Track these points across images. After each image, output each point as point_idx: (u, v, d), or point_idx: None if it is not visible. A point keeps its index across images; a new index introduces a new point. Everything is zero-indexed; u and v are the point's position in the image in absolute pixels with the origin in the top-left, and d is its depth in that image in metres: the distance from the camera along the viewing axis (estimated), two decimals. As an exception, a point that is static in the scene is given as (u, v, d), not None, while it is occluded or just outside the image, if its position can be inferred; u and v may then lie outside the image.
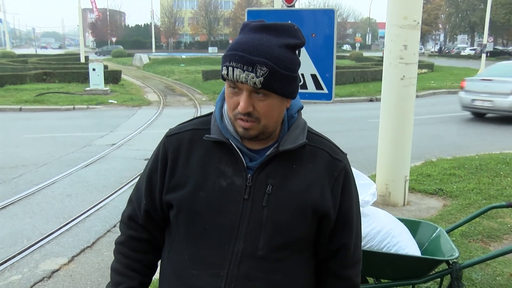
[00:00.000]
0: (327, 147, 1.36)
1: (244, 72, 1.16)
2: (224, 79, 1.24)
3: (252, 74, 1.15)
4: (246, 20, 3.73)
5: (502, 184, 6.13)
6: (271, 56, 1.17)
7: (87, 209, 5.66)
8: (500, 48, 59.54)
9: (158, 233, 1.44)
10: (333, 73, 3.65)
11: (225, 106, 1.31)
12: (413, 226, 3.15)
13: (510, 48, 60.66)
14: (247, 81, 1.16)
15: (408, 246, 2.89)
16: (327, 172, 1.32)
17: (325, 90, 3.75)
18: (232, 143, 1.28)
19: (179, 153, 1.34)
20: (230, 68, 1.18)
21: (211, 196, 1.27)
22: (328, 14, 3.53)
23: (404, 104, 5.03)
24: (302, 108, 1.38)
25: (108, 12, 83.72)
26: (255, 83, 1.16)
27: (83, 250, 4.60)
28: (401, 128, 5.41)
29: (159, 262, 1.48)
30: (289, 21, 1.29)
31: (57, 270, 4.19)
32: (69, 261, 4.36)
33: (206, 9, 73.50)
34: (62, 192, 6.34)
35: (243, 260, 1.25)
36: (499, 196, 5.65)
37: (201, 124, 1.37)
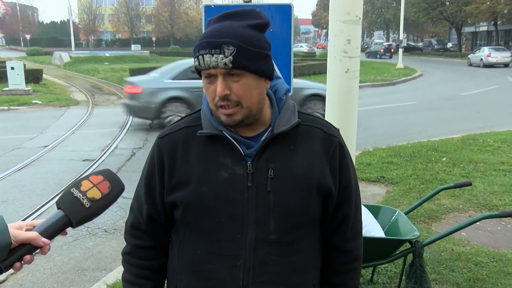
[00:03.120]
0: (320, 124, 1.36)
1: (213, 56, 1.16)
2: (199, 74, 1.24)
3: (221, 56, 1.16)
4: (203, 16, 3.73)
5: (435, 169, 6.59)
6: (236, 35, 1.17)
7: (28, 215, 5.33)
8: (412, 44, 63.64)
9: (163, 237, 1.42)
10: (291, 67, 3.75)
11: None
12: (374, 210, 3.33)
13: (420, 44, 64.91)
14: (217, 64, 1.16)
15: (374, 229, 3.06)
16: (323, 149, 1.33)
17: (284, 84, 3.83)
18: (226, 134, 1.28)
19: (176, 152, 1.32)
20: (200, 57, 1.18)
21: (215, 189, 1.27)
22: (285, 8, 3.61)
23: (349, 96, 5.19)
24: (288, 90, 1.38)
25: (18, 7, 78.14)
26: (225, 63, 1.16)
27: (31, 258, 4.34)
28: (347, 119, 5.58)
29: None
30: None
31: (3, 281, 3.92)
32: (16, 270, 4.11)
33: (127, 5, 71.03)
34: (-5, 199, 5.94)
35: (257, 247, 1.26)
36: (434, 180, 6.07)
37: (192, 121, 1.36)
